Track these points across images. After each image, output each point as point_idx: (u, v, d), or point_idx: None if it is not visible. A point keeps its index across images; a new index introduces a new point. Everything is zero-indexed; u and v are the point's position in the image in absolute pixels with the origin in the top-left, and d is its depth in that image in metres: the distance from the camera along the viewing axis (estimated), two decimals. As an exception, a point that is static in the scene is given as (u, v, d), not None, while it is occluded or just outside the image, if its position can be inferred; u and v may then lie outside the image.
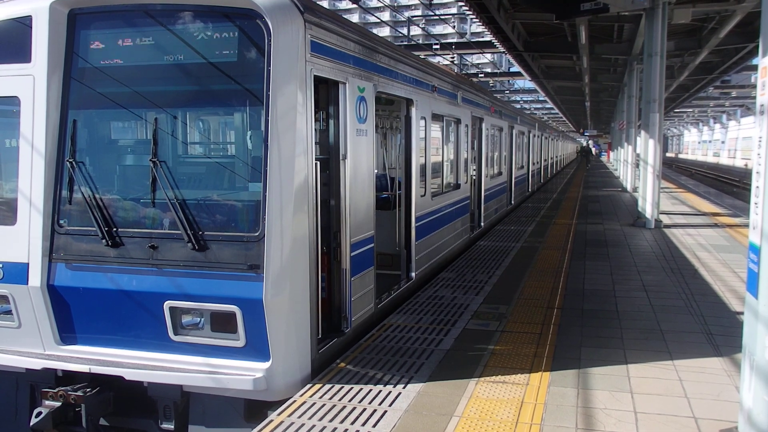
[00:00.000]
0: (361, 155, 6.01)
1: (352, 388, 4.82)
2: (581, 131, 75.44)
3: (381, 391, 4.75)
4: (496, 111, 14.51)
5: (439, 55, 28.24)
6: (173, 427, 4.87)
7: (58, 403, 4.74)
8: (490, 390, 4.79)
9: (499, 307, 7.08)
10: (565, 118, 65.77)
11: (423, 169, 8.31)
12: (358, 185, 5.92)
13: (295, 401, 4.59)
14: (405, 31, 30.07)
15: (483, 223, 12.93)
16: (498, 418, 4.32)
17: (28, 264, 4.94)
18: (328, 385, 4.86)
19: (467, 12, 19.52)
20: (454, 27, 36.99)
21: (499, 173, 15.52)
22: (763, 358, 3.65)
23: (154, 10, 4.83)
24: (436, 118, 9.12)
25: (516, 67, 30.18)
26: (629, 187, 24.61)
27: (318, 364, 5.18)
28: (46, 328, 5.01)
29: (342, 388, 4.82)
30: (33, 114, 4.94)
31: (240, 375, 4.67)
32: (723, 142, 74.39)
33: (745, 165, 54.21)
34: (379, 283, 6.82)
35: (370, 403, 4.55)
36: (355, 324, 5.97)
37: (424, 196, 8.35)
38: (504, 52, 24.37)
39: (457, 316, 6.70)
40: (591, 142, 77.64)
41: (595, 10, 13.44)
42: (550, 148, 33.60)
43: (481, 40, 27.80)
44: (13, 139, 5.16)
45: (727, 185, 39.58)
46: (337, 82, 5.58)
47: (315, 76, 5.01)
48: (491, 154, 14.17)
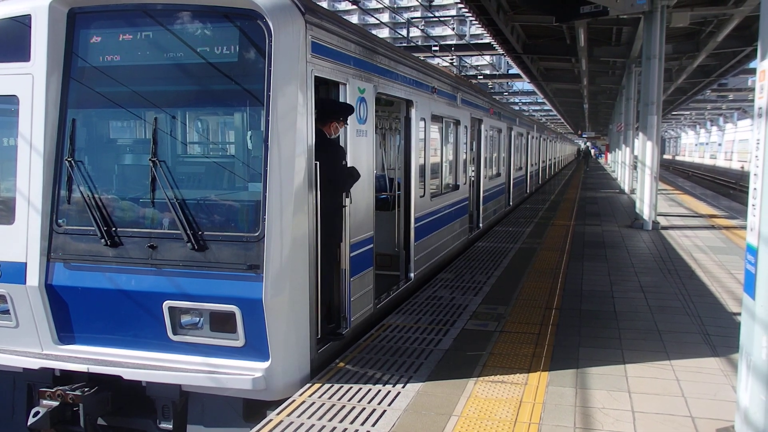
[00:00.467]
0: (360, 156, 6.02)
1: (351, 387, 4.82)
2: (579, 133, 75.56)
3: (380, 390, 4.76)
4: (495, 112, 14.53)
5: (438, 56, 28.26)
6: (172, 426, 4.85)
7: (55, 403, 4.72)
8: (489, 389, 4.80)
9: (497, 308, 7.09)
10: (563, 120, 65.83)
11: (422, 170, 8.32)
12: (358, 186, 5.93)
13: (294, 401, 4.59)
14: (404, 32, 30.04)
15: (482, 224, 12.94)
16: (497, 417, 4.33)
17: (26, 263, 4.92)
18: (327, 385, 4.86)
19: (466, 14, 19.49)
20: (454, 29, 36.92)
21: (498, 174, 15.53)
22: (760, 358, 3.68)
23: (154, 10, 4.81)
24: (436, 119, 9.13)
25: (515, 69, 30.19)
26: (627, 189, 24.67)
27: (317, 363, 5.18)
28: (44, 327, 4.99)
29: (341, 387, 4.82)
30: (32, 113, 4.92)
31: (239, 375, 4.66)
32: (720, 145, 74.57)
33: (742, 167, 54.33)
34: (378, 283, 6.83)
35: (369, 402, 4.55)
36: (354, 324, 5.98)
37: (423, 196, 8.36)
38: (503, 54, 24.39)
39: (456, 317, 6.70)
40: (589, 144, 77.68)
41: (595, 13, 13.47)
42: (549, 149, 33.64)
43: (480, 42, 27.74)
44: (11, 138, 5.14)
45: (724, 187, 39.65)
46: (337, 83, 5.59)
47: (315, 77, 5.01)
48: (490, 155, 14.18)
